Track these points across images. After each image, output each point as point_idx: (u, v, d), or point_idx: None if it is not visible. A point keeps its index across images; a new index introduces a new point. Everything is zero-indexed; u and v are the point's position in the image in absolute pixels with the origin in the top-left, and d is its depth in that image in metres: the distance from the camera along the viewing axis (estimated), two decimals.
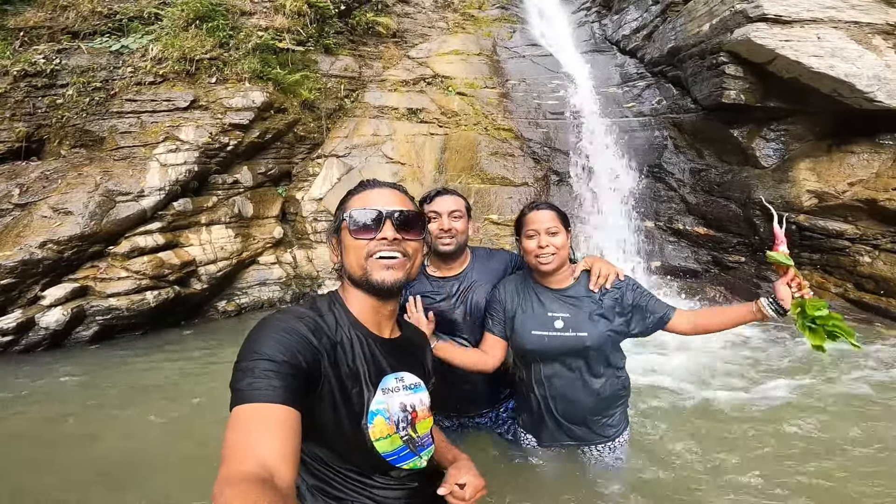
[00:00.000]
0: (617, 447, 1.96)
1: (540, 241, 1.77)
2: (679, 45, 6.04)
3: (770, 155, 5.37)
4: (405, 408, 1.11)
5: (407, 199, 1.17)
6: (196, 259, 5.26)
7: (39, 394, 3.51)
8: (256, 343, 0.92)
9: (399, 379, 1.12)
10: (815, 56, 4.71)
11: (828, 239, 4.81)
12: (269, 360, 0.89)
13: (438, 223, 1.97)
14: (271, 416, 0.83)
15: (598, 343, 1.80)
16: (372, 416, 1.05)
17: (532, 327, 1.85)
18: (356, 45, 7.51)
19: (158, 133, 5.45)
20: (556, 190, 6.30)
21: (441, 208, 1.98)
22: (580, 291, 1.85)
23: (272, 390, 0.85)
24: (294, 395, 0.87)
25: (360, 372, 1.05)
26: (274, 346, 0.91)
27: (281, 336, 0.93)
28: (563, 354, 1.83)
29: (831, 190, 4.80)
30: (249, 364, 0.89)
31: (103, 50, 5.89)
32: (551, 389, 1.89)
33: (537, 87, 7.13)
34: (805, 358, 3.69)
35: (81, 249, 4.70)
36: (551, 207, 1.85)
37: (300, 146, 6.54)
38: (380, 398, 1.06)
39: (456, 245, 1.98)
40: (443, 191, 2.07)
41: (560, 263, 1.81)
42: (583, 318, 1.81)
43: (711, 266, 5.57)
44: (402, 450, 1.10)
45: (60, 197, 4.79)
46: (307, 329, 0.98)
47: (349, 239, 1.10)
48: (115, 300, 4.65)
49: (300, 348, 0.93)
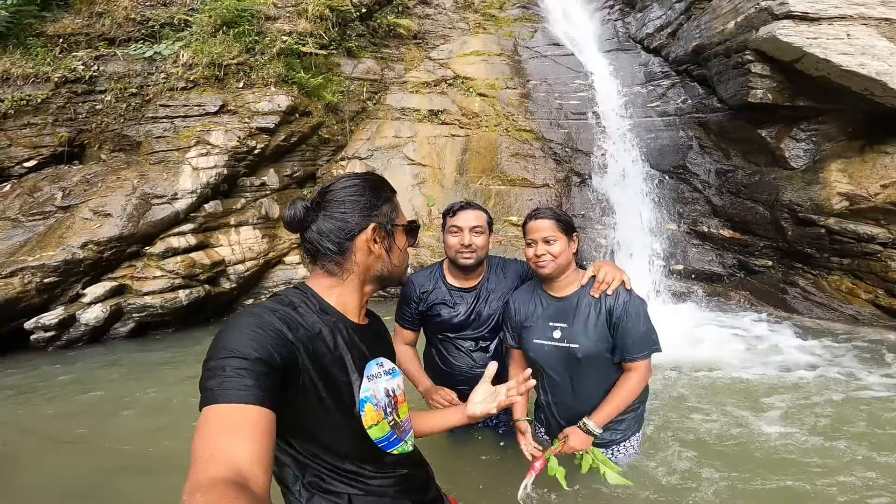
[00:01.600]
0: (621, 450, 1.99)
1: (536, 250, 1.84)
2: (704, 44, 5.93)
3: (800, 156, 5.24)
4: (388, 393, 1.13)
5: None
6: (225, 259, 5.45)
7: (87, 382, 3.72)
8: (227, 340, 0.87)
9: (380, 364, 1.13)
10: (844, 54, 4.57)
11: (858, 243, 4.68)
12: (241, 358, 0.84)
13: (460, 238, 2.01)
14: (243, 418, 0.79)
15: (589, 356, 1.81)
16: (362, 404, 1.04)
17: (534, 336, 1.92)
18: (378, 48, 7.61)
19: (190, 137, 5.66)
20: (577, 191, 6.28)
21: (463, 223, 2.02)
22: (580, 300, 1.86)
23: (245, 390, 0.80)
24: (268, 394, 0.83)
25: (345, 359, 1.04)
26: (246, 343, 0.86)
27: (253, 332, 0.89)
28: (560, 364, 1.88)
29: (863, 192, 4.66)
30: (220, 362, 0.84)
31: (137, 56, 6.14)
32: (553, 396, 1.96)
33: (559, 87, 7.10)
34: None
35: (120, 250, 4.93)
36: (551, 216, 1.87)
37: (324, 149, 6.68)
38: (366, 385, 1.06)
39: (476, 260, 2.03)
40: (466, 205, 2.10)
41: (557, 269, 1.84)
42: (578, 328, 1.83)
43: (737, 270, 5.48)
44: (391, 435, 1.11)
45: (100, 200, 5.03)
46: (281, 323, 0.94)
47: (403, 242, 1.19)
48: (151, 298, 4.87)
49: (274, 344, 0.89)
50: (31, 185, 5.32)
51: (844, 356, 3.85)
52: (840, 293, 4.82)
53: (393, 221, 1.15)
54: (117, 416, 3.21)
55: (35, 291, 4.51)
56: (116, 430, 3.00)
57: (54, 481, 2.49)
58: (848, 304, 4.74)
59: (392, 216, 1.15)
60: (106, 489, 2.40)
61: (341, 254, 1.08)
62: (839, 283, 4.85)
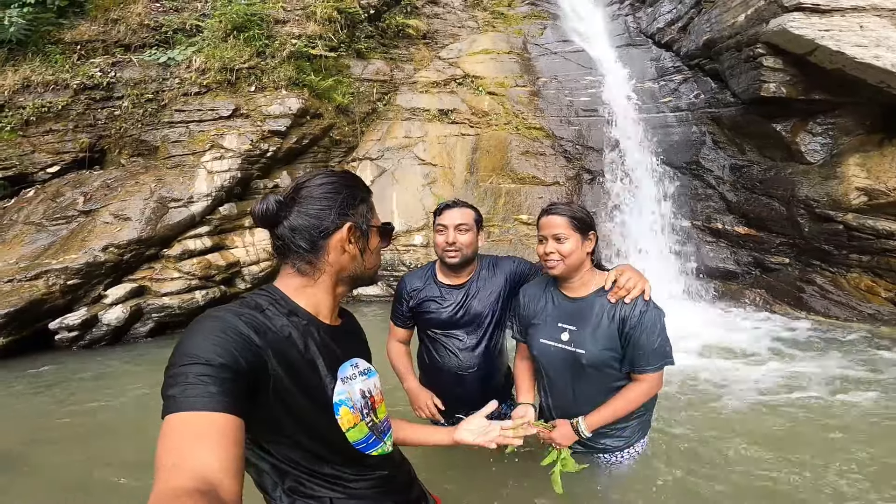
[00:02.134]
0: (626, 458, 1.91)
1: (546, 248, 1.75)
2: (714, 38, 5.85)
3: (817, 150, 5.14)
4: (364, 394, 1.10)
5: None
6: (240, 260, 5.56)
7: (109, 380, 3.85)
8: (190, 346, 0.83)
9: (354, 365, 1.10)
10: (858, 46, 4.47)
11: (878, 240, 4.58)
12: (204, 364, 0.80)
13: (445, 236, 2.04)
14: (208, 425, 0.75)
15: (594, 363, 1.73)
16: (337, 407, 1.02)
17: (542, 335, 1.85)
18: (387, 49, 7.65)
19: (205, 142, 5.77)
20: (588, 189, 6.25)
21: (448, 221, 2.04)
22: (594, 304, 1.76)
23: (208, 397, 0.77)
24: (233, 401, 0.79)
25: (317, 363, 1.01)
26: (209, 349, 0.82)
27: (217, 337, 0.84)
28: (565, 368, 1.80)
29: (882, 187, 4.56)
30: (182, 369, 0.80)
31: (152, 62, 6.26)
32: (553, 399, 1.90)
33: (569, 83, 7.06)
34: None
35: (139, 252, 5.07)
36: (564, 212, 1.76)
37: (336, 150, 6.75)
38: (340, 388, 1.04)
39: (461, 258, 2.04)
40: (452, 203, 2.11)
41: (567, 269, 1.75)
42: (587, 334, 1.74)
43: (752, 268, 5.40)
44: (370, 437, 1.10)
45: (120, 204, 5.17)
46: (247, 327, 0.89)
47: (377, 244, 1.16)
48: (169, 299, 4.99)
49: (239, 348, 0.85)
50: (55, 190, 5.48)
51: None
52: (859, 291, 4.73)
53: (368, 222, 1.13)
54: (139, 412, 3.31)
55: (59, 293, 4.66)
56: (139, 426, 3.09)
57: (70, 476, 2.59)
58: (867, 302, 4.65)
59: (368, 216, 1.13)
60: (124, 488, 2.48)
61: (314, 252, 1.05)
62: (858, 281, 4.75)
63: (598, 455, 1.92)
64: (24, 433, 3.12)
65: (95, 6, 6.41)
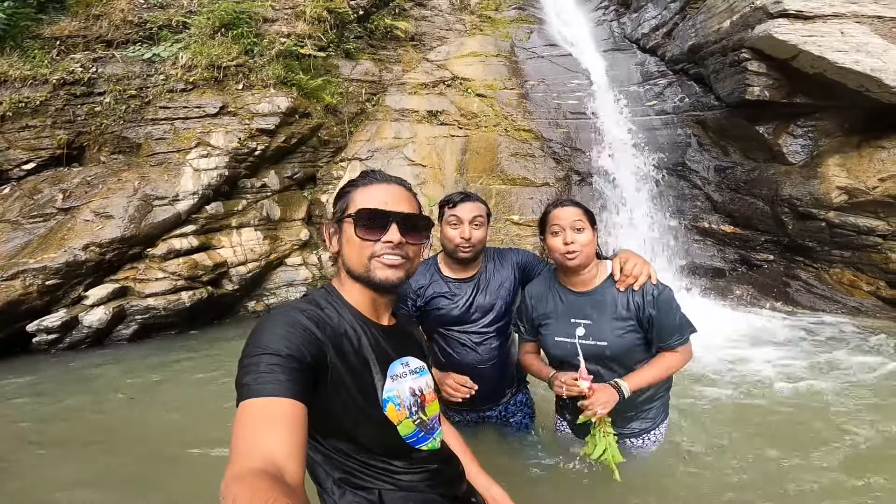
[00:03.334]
0: (651, 438, 1.94)
1: (565, 238, 1.71)
2: (700, 43, 6.01)
3: (798, 151, 5.31)
4: (414, 392, 1.13)
5: (412, 196, 1.17)
6: (227, 260, 5.42)
7: (88, 384, 3.68)
8: (261, 338, 0.91)
9: (405, 364, 1.13)
10: (839, 51, 4.65)
11: (858, 236, 4.74)
12: (273, 355, 0.88)
13: (460, 231, 1.94)
14: (278, 411, 0.82)
15: (618, 352, 1.75)
16: (384, 403, 1.06)
17: (556, 334, 1.84)
18: (376, 50, 7.64)
19: (191, 139, 5.64)
20: (577, 190, 6.31)
21: (463, 215, 1.94)
22: (605, 294, 1.77)
23: (278, 384, 0.84)
24: (300, 389, 0.86)
25: (369, 360, 1.05)
26: (278, 341, 0.90)
27: (285, 330, 0.92)
28: (586, 360, 1.79)
29: (861, 186, 4.73)
30: (254, 359, 0.88)
31: (136, 58, 6.11)
32: None
33: (556, 87, 7.15)
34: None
35: (122, 251, 4.90)
36: (576, 204, 1.79)
37: (324, 150, 6.68)
38: (389, 386, 1.07)
39: (474, 253, 1.98)
40: (465, 196, 2.01)
41: (586, 260, 1.75)
42: (604, 325, 1.75)
43: (738, 265, 5.53)
44: (418, 432, 1.12)
45: (102, 201, 4.99)
46: (310, 322, 0.97)
47: (353, 236, 1.08)
48: (153, 300, 4.83)
49: (304, 342, 0.93)
50: (31, 187, 5.27)
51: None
52: (842, 285, 4.88)
53: (343, 213, 1.10)
54: (121, 418, 3.17)
55: (37, 294, 4.46)
56: (125, 432, 2.96)
57: (54, 482, 2.46)
58: (850, 296, 4.80)
59: (343, 208, 1.12)
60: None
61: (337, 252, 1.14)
62: (841, 276, 4.91)
63: (626, 440, 1.92)
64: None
65: (77, 2, 6.23)
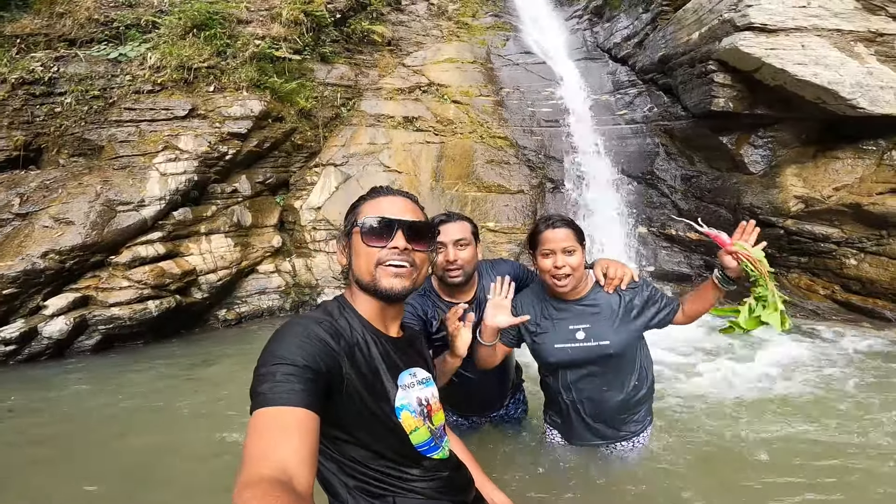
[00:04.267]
0: (640, 441, 2.03)
1: (556, 262, 1.74)
2: (669, 54, 6.19)
3: (758, 161, 5.53)
4: (421, 402, 1.16)
5: (418, 208, 1.21)
6: (196, 268, 5.29)
7: (47, 401, 3.53)
8: (277, 348, 0.94)
9: (412, 374, 1.17)
10: (799, 64, 4.85)
11: (815, 242, 4.96)
12: (290, 365, 0.90)
13: (444, 254, 1.86)
14: (291, 420, 0.84)
15: (621, 349, 1.84)
16: (399, 412, 1.09)
17: (555, 341, 1.88)
18: (352, 54, 7.59)
19: (157, 142, 5.48)
20: (551, 197, 6.41)
21: (446, 238, 1.85)
22: (598, 299, 1.87)
23: (293, 394, 0.86)
24: (314, 399, 0.89)
25: (380, 370, 1.08)
26: (294, 351, 0.92)
27: (301, 341, 0.95)
28: (588, 363, 1.87)
29: (817, 195, 4.96)
30: (271, 369, 0.90)
31: (101, 58, 5.91)
32: (579, 394, 1.94)
33: (531, 94, 7.25)
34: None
35: (83, 259, 4.72)
36: (566, 224, 1.80)
37: (297, 155, 6.60)
38: (400, 394, 1.11)
39: (464, 276, 1.90)
40: (447, 217, 1.93)
41: (576, 282, 1.81)
42: (604, 325, 1.83)
43: (703, 270, 5.71)
44: (430, 440, 1.15)
45: (61, 206, 4.80)
46: (326, 333, 1.00)
47: (360, 245, 1.12)
48: (118, 309, 4.67)
49: (320, 352, 0.95)
50: None
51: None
52: (800, 290, 5.09)
53: (353, 224, 1.16)
54: (80, 435, 3.06)
55: None
56: (83, 449, 2.86)
57: None
58: (807, 299, 5.02)
59: (352, 221, 1.16)
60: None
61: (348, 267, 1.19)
62: (798, 281, 5.12)
63: (616, 444, 2.00)
64: None
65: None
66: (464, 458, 1.35)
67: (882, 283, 4.65)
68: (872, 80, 4.82)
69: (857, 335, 4.34)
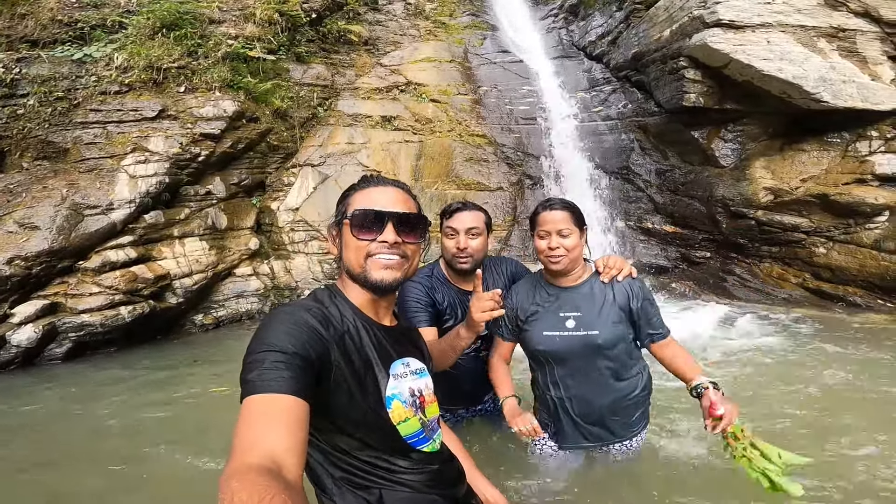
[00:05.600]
0: (633, 446, 1.94)
1: (551, 242, 1.74)
2: (642, 51, 6.30)
3: (728, 155, 5.66)
4: (413, 392, 1.13)
5: (410, 198, 1.18)
6: (170, 272, 5.16)
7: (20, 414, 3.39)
8: (266, 335, 0.92)
9: (406, 364, 1.14)
10: (765, 59, 4.98)
11: (784, 232, 5.10)
12: (279, 352, 0.89)
13: (455, 241, 1.94)
14: (280, 407, 0.83)
15: (610, 341, 1.77)
16: (389, 401, 1.07)
17: (544, 328, 1.83)
18: (328, 54, 7.53)
19: (126, 144, 5.33)
20: (530, 194, 6.45)
21: (459, 225, 1.94)
22: (593, 287, 1.82)
23: (282, 381, 0.85)
24: (303, 386, 0.87)
25: (371, 358, 1.06)
26: (283, 338, 0.91)
27: (290, 328, 0.94)
28: (576, 354, 1.79)
29: (785, 186, 5.09)
30: (259, 356, 0.89)
31: (65, 59, 5.73)
32: (566, 391, 1.85)
33: (509, 93, 7.30)
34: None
35: (50, 265, 4.56)
36: (565, 207, 1.79)
37: (273, 156, 6.50)
38: (392, 384, 1.08)
39: (472, 263, 1.96)
40: (462, 205, 2.00)
41: (570, 264, 1.78)
42: (594, 315, 1.77)
43: (680, 262, 5.82)
44: (420, 432, 1.12)
45: (26, 211, 4.64)
46: (315, 320, 0.98)
47: (350, 237, 1.10)
48: (88, 316, 4.53)
49: (309, 339, 0.94)
50: None
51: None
52: (772, 279, 5.23)
53: (343, 215, 1.13)
54: (50, 447, 2.95)
55: None
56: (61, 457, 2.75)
57: None
58: (780, 288, 5.15)
59: (342, 211, 1.14)
60: None
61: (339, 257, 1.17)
62: (770, 270, 5.26)
63: (608, 446, 1.92)
64: None
65: (2, 1, 5.79)
66: (457, 452, 1.33)
67: (851, 270, 4.80)
68: (835, 75, 4.97)
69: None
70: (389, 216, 1.09)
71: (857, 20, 5.17)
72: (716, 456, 2.18)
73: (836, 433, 2.45)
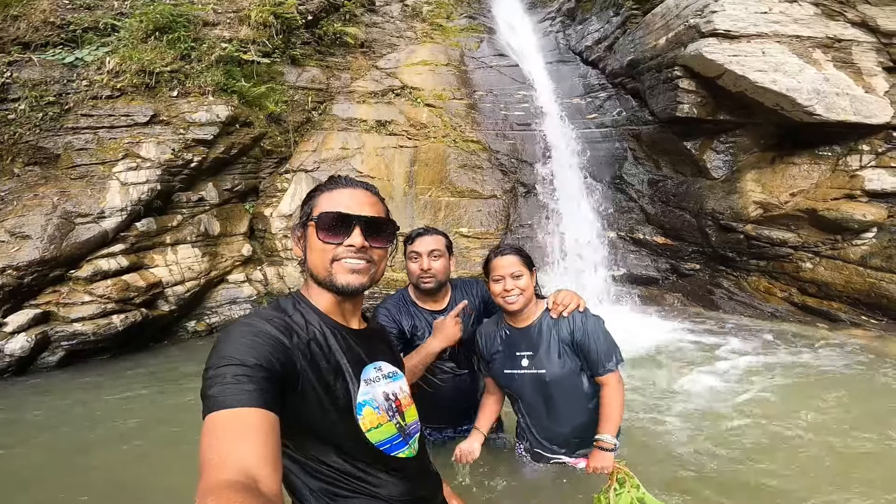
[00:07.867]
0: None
1: (505, 285, 1.90)
2: (637, 58, 6.28)
3: (720, 166, 5.67)
4: (388, 396, 1.12)
5: (378, 200, 1.15)
6: (163, 280, 5.18)
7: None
8: (225, 348, 0.89)
9: (377, 368, 1.13)
10: (759, 71, 4.95)
11: (772, 247, 5.14)
12: (239, 365, 0.85)
13: (419, 263, 2.14)
14: (246, 421, 0.79)
15: (557, 378, 1.92)
16: (360, 408, 1.05)
17: (504, 367, 2.01)
18: (323, 56, 7.48)
19: (117, 150, 5.32)
20: (523, 202, 6.46)
21: (422, 248, 2.14)
22: (542, 326, 1.96)
23: (245, 394, 0.82)
24: (269, 398, 0.84)
25: (342, 364, 1.04)
26: (244, 351, 0.88)
27: (250, 340, 0.90)
28: (533, 390, 1.97)
29: (775, 200, 5.12)
30: (219, 371, 0.85)
31: (56, 62, 5.69)
32: (530, 419, 2.06)
33: (504, 97, 7.28)
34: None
35: (42, 274, 4.58)
36: (514, 252, 1.97)
37: (267, 161, 6.49)
38: (363, 389, 1.06)
39: (436, 283, 2.15)
40: (424, 231, 2.22)
41: (525, 302, 1.93)
42: (543, 354, 1.93)
43: (669, 274, 5.86)
44: (396, 437, 1.11)
45: (17, 220, 4.64)
46: (277, 330, 0.95)
47: (315, 240, 1.07)
48: (81, 325, 4.56)
49: (272, 350, 0.90)
50: None
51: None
52: (759, 293, 5.27)
53: (308, 216, 1.09)
54: (42, 455, 2.99)
55: None
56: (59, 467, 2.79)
57: None
58: (766, 302, 5.20)
59: (307, 212, 1.11)
60: None
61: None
62: (758, 283, 5.30)
63: (578, 462, 2.03)
64: None
65: None
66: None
67: (836, 286, 4.85)
68: (829, 87, 4.94)
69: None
70: (357, 220, 1.06)
71: (853, 30, 5.15)
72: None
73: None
